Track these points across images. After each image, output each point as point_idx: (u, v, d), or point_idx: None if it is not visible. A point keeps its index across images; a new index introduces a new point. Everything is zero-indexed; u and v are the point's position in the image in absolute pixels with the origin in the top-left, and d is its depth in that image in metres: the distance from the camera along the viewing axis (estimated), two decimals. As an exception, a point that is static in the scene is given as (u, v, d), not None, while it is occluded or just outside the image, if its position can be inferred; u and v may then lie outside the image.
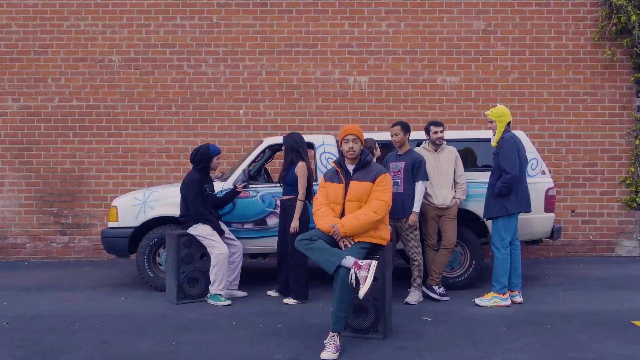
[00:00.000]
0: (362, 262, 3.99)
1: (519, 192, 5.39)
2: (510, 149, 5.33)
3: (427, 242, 5.90)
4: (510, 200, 5.37)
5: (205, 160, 5.75)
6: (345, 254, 4.05)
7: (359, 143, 4.42)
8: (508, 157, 5.31)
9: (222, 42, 8.58)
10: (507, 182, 5.29)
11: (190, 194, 5.62)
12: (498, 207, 5.42)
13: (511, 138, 5.39)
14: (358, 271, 3.93)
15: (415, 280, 5.70)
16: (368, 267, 3.93)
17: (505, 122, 5.47)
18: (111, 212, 6.35)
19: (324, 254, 4.03)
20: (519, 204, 5.41)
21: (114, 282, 6.93)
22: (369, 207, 4.25)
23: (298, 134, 5.81)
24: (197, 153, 5.75)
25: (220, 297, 5.61)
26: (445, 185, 5.84)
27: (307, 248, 4.08)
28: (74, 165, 8.60)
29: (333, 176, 4.48)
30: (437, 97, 8.57)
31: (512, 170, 5.29)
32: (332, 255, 4.03)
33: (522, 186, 5.42)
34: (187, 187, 5.65)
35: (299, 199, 5.59)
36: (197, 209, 5.59)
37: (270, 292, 6.05)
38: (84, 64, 8.62)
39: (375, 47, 8.59)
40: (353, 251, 4.14)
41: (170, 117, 8.58)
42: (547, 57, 8.58)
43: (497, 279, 5.48)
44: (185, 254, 5.69)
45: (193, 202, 5.59)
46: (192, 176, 5.66)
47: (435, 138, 5.85)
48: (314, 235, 4.16)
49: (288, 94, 8.56)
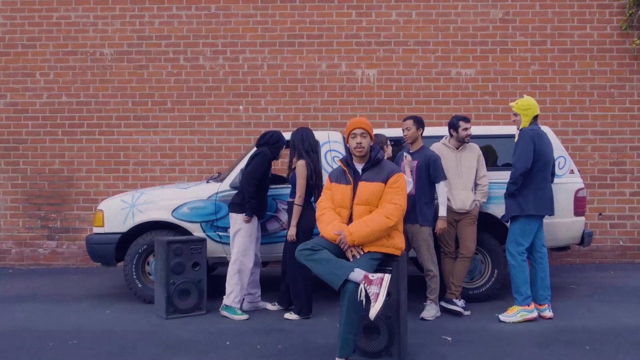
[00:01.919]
0: (373, 275, 3.39)
1: (537, 192, 4.87)
2: (523, 142, 4.84)
3: (443, 249, 5.35)
4: (526, 200, 4.86)
5: (281, 144, 5.26)
6: (353, 267, 3.46)
7: (368, 138, 3.84)
8: (518, 151, 4.84)
9: (221, 34, 8.16)
10: (512, 179, 4.84)
11: (255, 163, 5.07)
12: (513, 206, 4.93)
13: (530, 131, 4.87)
14: (368, 287, 3.34)
15: (431, 292, 5.12)
16: (380, 282, 3.33)
17: (530, 116, 4.95)
18: (97, 216, 5.80)
19: (328, 267, 3.44)
20: (536, 205, 4.87)
21: (101, 292, 6.39)
22: (380, 211, 3.67)
23: (306, 129, 5.26)
24: (274, 135, 5.26)
25: (235, 310, 5.08)
26: (464, 186, 5.29)
27: (309, 259, 3.48)
28: (63, 166, 8.17)
29: (339, 176, 3.90)
30: (452, 91, 8.09)
31: (518, 165, 4.81)
32: (339, 268, 3.43)
33: (541, 186, 4.88)
34: (253, 160, 5.12)
35: (295, 203, 5.05)
36: (252, 183, 5.03)
37: (270, 305, 5.47)
38: (74, 58, 8.21)
39: (384, 38, 8.13)
40: (362, 263, 3.54)
41: (166, 114, 8.16)
42: (570, 47, 8.08)
43: (517, 290, 4.95)
44: (175, 263, 5.13)
45: (252, 174, 5.03)
46: (265, 151, 5.16)
47: (464, 135, 5.29)
48: (317, 245, 3.56)
49: (291, 89, 8.12)
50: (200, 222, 5.64)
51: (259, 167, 5.09)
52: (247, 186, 5.05)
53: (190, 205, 5.65)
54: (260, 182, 5.14)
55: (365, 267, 3.50)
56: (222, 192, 5.68)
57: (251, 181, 5.06)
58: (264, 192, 5.27)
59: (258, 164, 5.10)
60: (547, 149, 4.92)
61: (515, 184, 4.85)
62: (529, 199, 4.86)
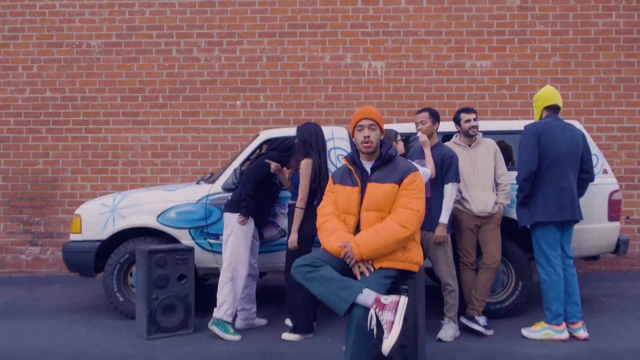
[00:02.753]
0: (386, 298, 2.78)
1: (547, 195, 4.31)
2: (524, 141, 4.35)
3: (463, 259, 4.75)
4: (535, 205, 4.34)
5: (290, 152, 4.81)
6: (362, 287, 2.85)
7: (377, 131, 3.24)
8: (519, 153, 4.40)
9: (217, 23, 7.70)
10: (519, 186, 4.42)
11: (256, 165, 4.63)
12: (523, 214, 4.45)
13: (532, 127, 4.34)
14: (381, 312, 2.73)
15: (450, 309, 4.51)
16: (395, 307, 2.72)
17: (540, 107, 4.46)
18: (74, 222, 5.23)
19: (331, 287, 2.83)
20: (548, 209, 4.30)
21: (82, 304, 5.82)
22: (394, 218, 3.06)
23: (314, 124, 4.71)
24: (286, 141, 4.85)
25: (227, 327, 4.48)
26: (484, 187, 4.70)
27: (308, 278, 2.87)
28: (47, 166, 7.68)
29: (344, 177, 3.30)
30: (466, 85, 7.59)
31: (521, 170, 4.37)
32: (344, 289, 2.82)
33: (552, 186, 4.31)
34: (255, 163, 4.67)
35: (297, 206, 4.47)
36: (251, 180, 4.53)
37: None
38: (59, 50, 7.75)
39: (393, 28, 7.65)
40: (373, 282, 2.93)
41: (157, 110, 7.68)
42: (594, 37, 7.58)
43: (547, 307, 4.39)
44: (158, 276, 4.53)
45: (253, 171, 4.57)
46: (272, 155, 4.73)
47: (467, 127, 4.74)
48: (317, 260, 2.95)
49: (292, 83, 7.64)
50: (188, 229, 5.06)
51: (261, 166, 4.60)
52: (245, 183, 4.55)
53: (177, 210, 5.07)
54: (264, 183, 4.63)
55: (377, 287, 2.88)
56: (213, 195, 5.09)
57: (250, 179, 4.55)
58: (268, 196, 4.72)
59: (261, 164, 4.62)
60: (560, 142, 4.30)
61: (523, 190, 4.38)
62: (538, 204, 4.35)
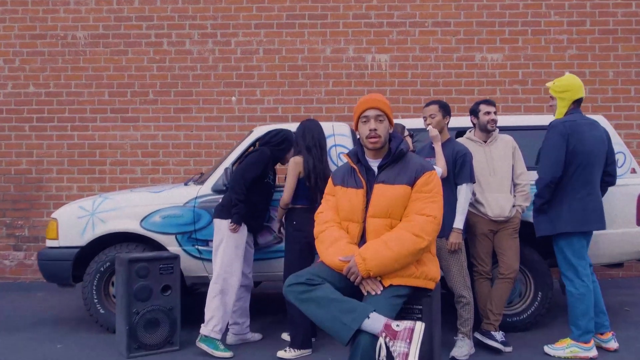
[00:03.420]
0: (399, 324, 2.32)
1: (574, 203, 3.88)
2: (550, 141, 3.88)
3: (477, 268, 4.32)
4: (559, 213, 3.90)
5: (287, 144, 4.37)
6: (368, 310, 2.39)
7: (385, 122, 2.78)
8: (543, 155, 3.92)
9: (210, 14, 7.30)
10: (537, 191, 3.95)
11: (247, 159, 4.17)
12: (543, 222, 3.99)
13: (560, 125, 3.87)
14: (392, 342, 2.26)
15: (464, 324, 4.07)
16: (409, 335, 2.26)
17: (569, 101, 3.97)
18: (50, 227, 4.80)
19: (331, 310, 2.37)
20: (574, 219, 3.87)
21: (63, 316, 5.39)
22: (406, 226, 2.61)
23: (311, 120, 4.29)
24: (279, 133, 4.39)
25: (217, 342, 4.06)
26: (501, 188, 4.26)
27: (303, 299, 2.41)
28: (30, 166, 7.28)
29: (346, 177, 2.84)
30: (476, 79, 7.20)
31: (543, 174, 3.90)
32: (347, 312, 2.36)
33: (580, 193, 3.89)
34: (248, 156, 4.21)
35: (280, 206, 4.16)
36: (240, 183, 4.06)
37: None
38: (43, 42, 7.34)
39: (398, 18, 7.25)
40: (381, 303, 2.46)
41: (147, 106, 7.28)
42: (612, 28, 7.17)
43: (575, 322, 3.96)
44: (139, 288, 4.08)
45: (242, 173, 4.10)
46: (264, 149, 4.27)
47: (486, 121, 4.31)
48: (314, 276, 2.49)
49: (291, 77, 7.26)
50: (175, 234, 4.62)
51: (252, 166, 4.12)
52: (235, 187, 4.08)
53: (163, 213, 4.62)
54: (255, 185, 4.17)
55: (386, 309, 2.42)
56: (202, 197, 4.64)
57: (240, 181, 4.08)
58: (261, 199, 4.27)
59: (251, 163, 4.13)
60: (589, 143, 3.86)
61: (542, 196, 3.93)
62: (563, 212, 3.90)
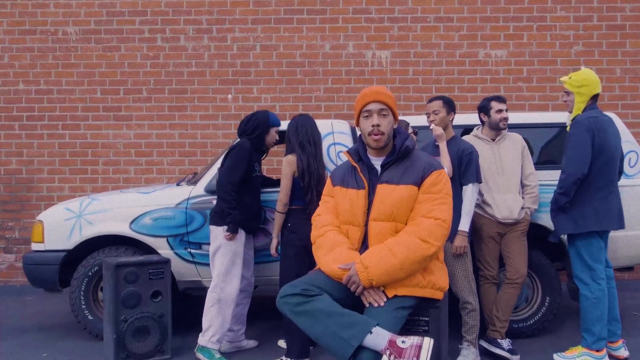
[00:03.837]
0: (405, 340, 2.11)
1: (597, 201, 3.74)
2: (576, 137, 3.69)
3: (483, 273, 4.14)
4: (583, 212, 3.73)
5: (262, 128, 4.07)
6: (371, 325, 2.18)
7: (389, 117, 2.57)
8: (570, 150, 3.72)
9: (206, 9, 7.12)
10: (561, 187, 3.74)
11: (229, 162, 3.89)
12: (564, 221, 3.79)
13: (586, 121, 3.71)
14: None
15: (469, 331, 3.89)
16: (417, 353, 2.05)
17: (587, 96, 3.80)
18: (35, 229, 4.61)
19: (330, 325, 2.16)
20: (598, 217, 3.73)
21: (51, 322, 5.20)
22: (413, 231, 2.40)
23: (304, 116, 4.05)
24: (252, 119, 4.10)
25: (214, 352, 3.88)
26: (509, 188, 4.10)
27: (299, 312, 2.19)
28: (20, 166, 7.10)
29: (347, 177, 2.64)
30: (479, 76, 7.03)
31: (570, 170, 3.68)
32: (347, 327, 2.15)
33: (603, 191, 3.77)
34: (228, 155, 3.94)
35: (277, 210, 3.90)
36: (226, 184, 3.81)
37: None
38: (33, 38, 7.16)
39: (399, 14, 7.09)
40: (385, 316, 2.25)
41: (141, 105, 7.11)
42: (620, 23, 7.01)
43: (587, 328, 3.78)
44: (128, 294, 3.87)
45: (227, 177, 3.84)
46: (243, 143, 3.98)
47: (499, 119, 4.14)
48: (311, 286, 2.28)
49: (289, 74, 7.09)
50: (166, 237, 4.41)
51: (234, 168, 3.85)
52: (223, 194, 3.83)
53: (153, 215, 4.42)
54: (245, 184, 3.93)
55: (391, 323, 2.20)
56: (195, 198, 4.43)
57: (227, 187, 3.82)
58: (254, 197, 4.05)
59: (233, 165, 3.87)
60: (613, 140, 3.76)
61: (567, 194, 3.72)
62: (586, 211, 3.73)
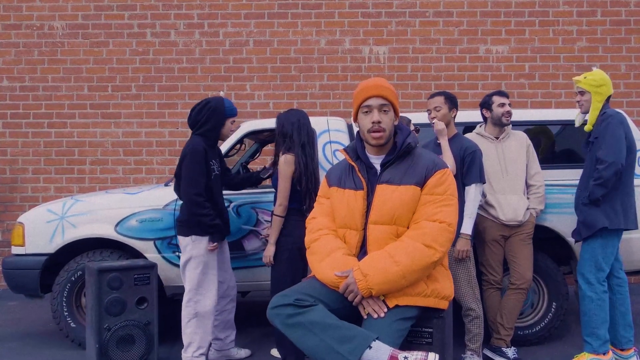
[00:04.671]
0: (407, 356, 1.91)
1: (624, 197, 3.70)
2: (613, 128, 3.64)
3: (487, 278, 3.99)
4: (614, 208, 3.64)
5: (215, 120, 3.71)
6: (370, 338, 1.97)
7: (391, 113, 2.39)
8: (609, 141, 3.61)
9: (197, 3, 6.98)
10: (600, 179, 3.57)
11: (187, 172, 3.57)
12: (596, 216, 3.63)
13: (617, 115, 3.71)
14: (399, 379, 1.85)
15: (473, 339, 3.74)
16: (421, 373, 1.84)
17: (605, 96, 3.79)
18: (15, 232, 4.38)
19: (325, 338, 1.95)
20: (626, 215, 3.68)
21: (34, 328, 4.99)
22: (415, 235, 2.20)
23: (297, 111, 3.84)
24: (203, 109, 3.71)
25: None
26: (514, 189, 3.97)
27: (291, 324, 1.98)
28: (4, 165, 6.94)
29: (344, 177, 2.44)
30: (480, 73, 6.94)
31: (611, 159, 3.56)
32: (344, 341, 1.95)
33: (629, 189, 3.76)
34: (184, 161, 3.61)
35: (275, 213, 3.66)
36: (195, 197, 3.52)
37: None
38: (17, 33, 7.00)
39: (397, 8, 6.98)
40: (386, 328, 2.05)
41: (130, 102, 6.96)
42: (625, 19, 6.93)
43: (592, 332, 3.69)
44: (111, 301, 3.66)
45: (191, 190, 3.53)
46: (194, 145, 3.62)
47: (501, 113, 4.01)
48: (305, 295, 2.07)
49: (283, 70, 6.97)
50: (153, 240, 4.21)
51: (194, 177, 3.54)
52: (195, 208, 3.54)
53: (140, 217, 4.21)
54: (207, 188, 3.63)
55: (392, 336, 2.00)
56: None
57: (196, 199, 3.53)
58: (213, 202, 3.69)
59: (192, 175, 3.56)
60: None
61: (605, 186, 3.61)
62: (617, 207, 3.65)
